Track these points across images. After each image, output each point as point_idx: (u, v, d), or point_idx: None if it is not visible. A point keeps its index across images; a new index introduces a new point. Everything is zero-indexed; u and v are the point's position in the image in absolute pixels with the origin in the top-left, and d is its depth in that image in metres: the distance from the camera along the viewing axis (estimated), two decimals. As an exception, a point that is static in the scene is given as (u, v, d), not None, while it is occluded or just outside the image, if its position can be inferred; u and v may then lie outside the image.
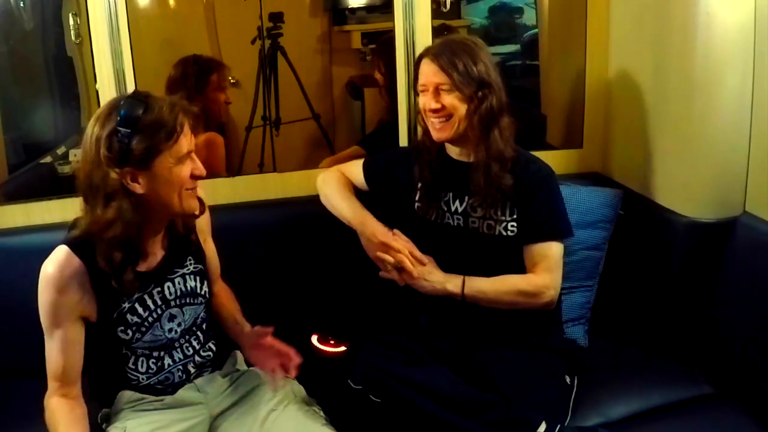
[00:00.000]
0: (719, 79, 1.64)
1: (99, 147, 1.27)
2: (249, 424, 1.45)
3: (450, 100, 1.55)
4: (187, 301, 1.47)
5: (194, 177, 1.36)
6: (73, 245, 1.33)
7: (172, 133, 1.29)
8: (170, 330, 1.44)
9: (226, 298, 1.64)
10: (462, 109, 1.56)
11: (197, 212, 1.42)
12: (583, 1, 2.04)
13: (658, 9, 1.77)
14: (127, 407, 1.44)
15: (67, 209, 1.51)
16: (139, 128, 1.26)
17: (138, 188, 1.30)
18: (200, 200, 1.46)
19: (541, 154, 1.75)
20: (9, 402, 1.69)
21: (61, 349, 1.35)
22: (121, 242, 1.30)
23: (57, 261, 1.32)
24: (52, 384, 1.38)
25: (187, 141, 1.33)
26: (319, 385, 1.58)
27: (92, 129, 1.29)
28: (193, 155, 1.36)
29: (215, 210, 1.66)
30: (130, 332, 1.39)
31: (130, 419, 1.41)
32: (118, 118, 1.26)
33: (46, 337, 1.37)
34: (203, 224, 1.55)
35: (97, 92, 1.85)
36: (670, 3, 1.72)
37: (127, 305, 1.38)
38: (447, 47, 1.57)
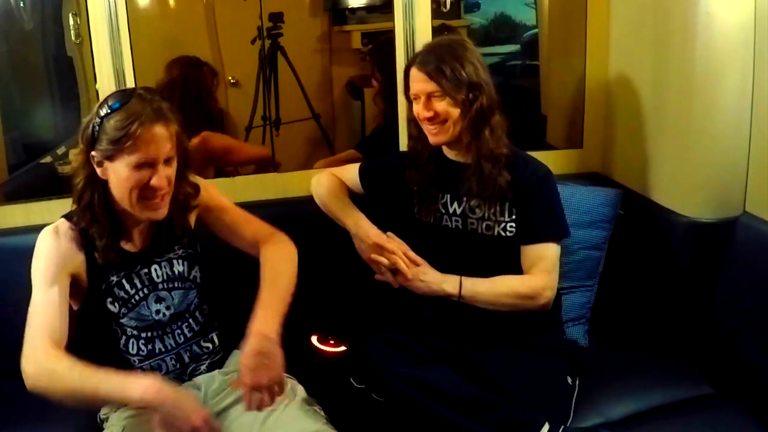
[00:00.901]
0: (719, 79, 1.64)
1: (82, 125, 1.37)
2: (249, 424, 1.44)
3: (442, 106, 1.56)
4: (175, 285, 1.50)
5: (149, 187, 1.35)
6: (69, 217, 1.43)
7: (126, 138, 1.31)
8: (158, 312, 1.48)
9: (273, 246, 1.51)
10: (455, 113, 1.56)
11: (159, 218, 1.41)
12: (583, 1, 2.04)
13: (658, 9, 1.78)
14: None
15: (67, 209, 1.52)
16: (107, 123, 1.33)
17: (100, 173, 1.37)
18: (194, 185, 1.50)
19: (541, 154, 1.75)
20: (9, 402, 1.69)
21: (54, 302, 1.34)
22: (90, 212, 1.38)
23: (55, 224, 1.43)
24: (42, 340, 1.29)
25: (143, 151, 1.32)
26: (319, 385, 1.58)
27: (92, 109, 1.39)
28: (159, 166, 1.34)
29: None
30: (117, 305, 1.44)
31: (128, 417, 1.42)
32: (101, 108, 1.35)
33: (37, 293, 1.36)
34: (206, 200, 1.55)
35: (97, 92, 1.86)
36: (670, 3, 1.72)
37: (114, 279, 1.44)
38: (433, 53, 1.57)
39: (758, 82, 1.60)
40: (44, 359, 1.28)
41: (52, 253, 1.39)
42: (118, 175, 1.34)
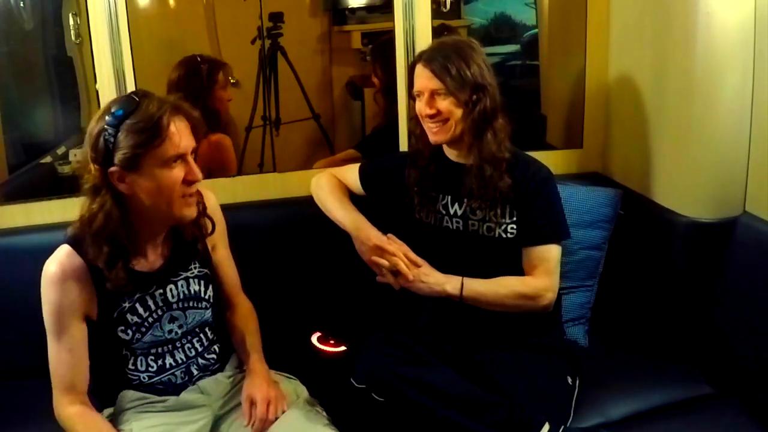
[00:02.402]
0: (719, 79, 1.64)
1: (90, 144, 1.29)
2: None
3: (445, 105, 1.55)
4: (191, 304, 1.46)
5: (187, 182, 1.32)
6: (74, 244, 1.34)
7: (156, 134, 1.26)
8: (170, 331, 1.44)
9: (242, 317, 1.59)
10: (457, 113, 1.55)
11: (192, 219, 1.39)
12: (583, 1, 2.04)
13: (658, 9, 1.77)
14: (130, 407, 1.44)
15: (67, 209, 1.51)
16: (124, 128, 1.26)
17: (123, 188, 1.29)
18: (210, 218, 1.47)
19: (541, 154, 1.75)
20: (9, 402, 1.69)
21: (69, 349, 1.35)
22: (106, 237, 1.30)
23: (58, 259, 1.34)
24: (63, 395, 1.36)
25: (176, 143, 1.28)
26: (319, 385, 1.58)
27: (91, 126, 1.31)
28: (189, 158, 1.32)
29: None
30: (129, 332, 1.39)
31: (134, 421, 1.41)
32: (107, 117, 1.27)
33: (51, 342, 1.35)
34: (214, 234, 1.53)
35: (97, 92, 1.85)
36: (670, 3, 1.72)
37: (127, 305, 1.38)
38: (439, 51, 1.57)
39: (758, 82, 1.60)
40: (64, 418, 1.37)
41: (59, 302, 1.33)
42: (152, 179, 1.28)
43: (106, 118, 1.27)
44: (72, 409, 1.35)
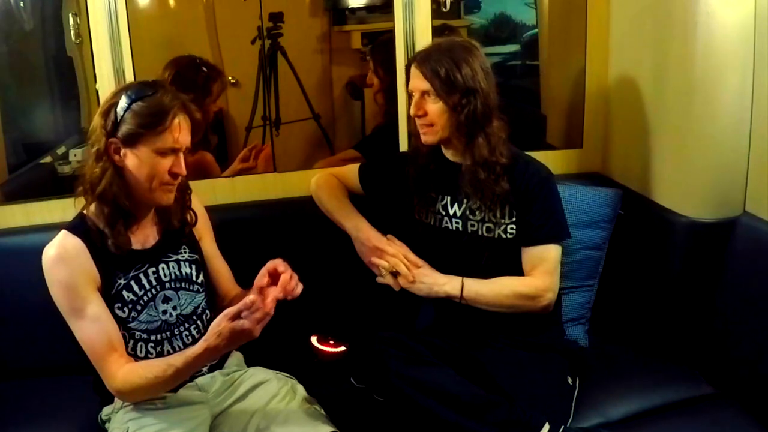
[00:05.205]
0: (719, 79, 1.64)
1: (101, 112, 1.39)
2: (250, 423, 1.45)
3: (433, 107, 1.55)
4: (183, 285, 1.50)
5: (172, 174, 1.40)
6: (70, 228, 1.41)
7: (160, 122, 1.35)
8: (164, 312, 1.47)
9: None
10: (444, 116, 1.55)
11: (167, 204, 1.45)
12: (583, 1, 2.04)
13: (658, 9, 1.78)
14: (129, 405, 1.44)
15: (67, 209, 1.51)
16: (134, 108, 1.35)
17: (117, 160, 1.38)
18: (193, 211, 1.53)
19: (541, 154, 1.75)
20: (10, 402, 1.69)
21: (96, 319, 1.37)
22: (109, 198, 1.37)
23: (57, 242, 1.39)
24: (108, 365, 1.37)
25: (175, 137, 1.37)
26: (319, 385, 1.58)
27: (107, 97, 1.42)
28: (181, 155, 1.40)
29: (215, 210, 1.66)
30: (126, 310, 1.42)
31: (131, 419, 1.42)
32: (124, 94, 1.37)
33: (74, 322, 1.37)
34: (199, 226, 1.58)
35: (97, 92, 1.86)
36: (670, 3, 1.72)
37: (122, 281, 1.42)
38: (433, 53, 1.56)
39: (758, 82, 1.60)
40: (121, 383, 1.37)
41: (69, 277, 1.36)
42: (141, 160, 1.37)
43: (123, 95, 1.37)
44: (121, 372, 1.36)
